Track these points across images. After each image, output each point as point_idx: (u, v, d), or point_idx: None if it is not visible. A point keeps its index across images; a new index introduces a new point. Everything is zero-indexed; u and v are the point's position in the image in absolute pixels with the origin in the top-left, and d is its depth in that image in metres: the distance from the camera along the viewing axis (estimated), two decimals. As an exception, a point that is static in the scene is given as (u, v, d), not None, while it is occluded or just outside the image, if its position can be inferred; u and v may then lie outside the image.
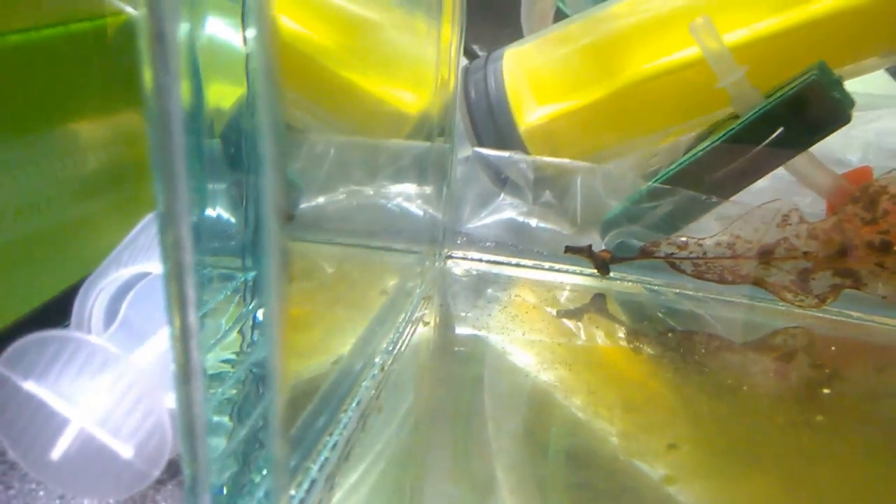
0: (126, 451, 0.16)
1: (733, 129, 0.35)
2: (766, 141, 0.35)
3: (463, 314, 0.32)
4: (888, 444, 0.24)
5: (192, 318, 0.16)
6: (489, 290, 0.35)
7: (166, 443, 0.16)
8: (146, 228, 0.21)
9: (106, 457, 0.16)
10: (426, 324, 0.31)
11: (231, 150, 0.23)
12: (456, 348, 0.29)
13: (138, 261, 0.19)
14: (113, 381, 0.15)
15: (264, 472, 0.17)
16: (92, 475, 0.16)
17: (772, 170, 0.35)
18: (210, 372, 0.21)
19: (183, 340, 0.15)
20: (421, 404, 0.25)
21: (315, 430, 0.21)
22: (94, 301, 0.19)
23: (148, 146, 0.14)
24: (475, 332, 0.30)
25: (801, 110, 0.34)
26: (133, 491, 0.16)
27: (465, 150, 0.43)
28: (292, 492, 0.19)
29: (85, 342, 0.15)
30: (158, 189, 0.15)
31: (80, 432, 0.15)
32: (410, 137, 0.40)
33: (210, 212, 0.24)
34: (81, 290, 0.19)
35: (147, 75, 0.13)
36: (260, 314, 0.21)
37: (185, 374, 0.15)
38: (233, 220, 0.22)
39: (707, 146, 0.36)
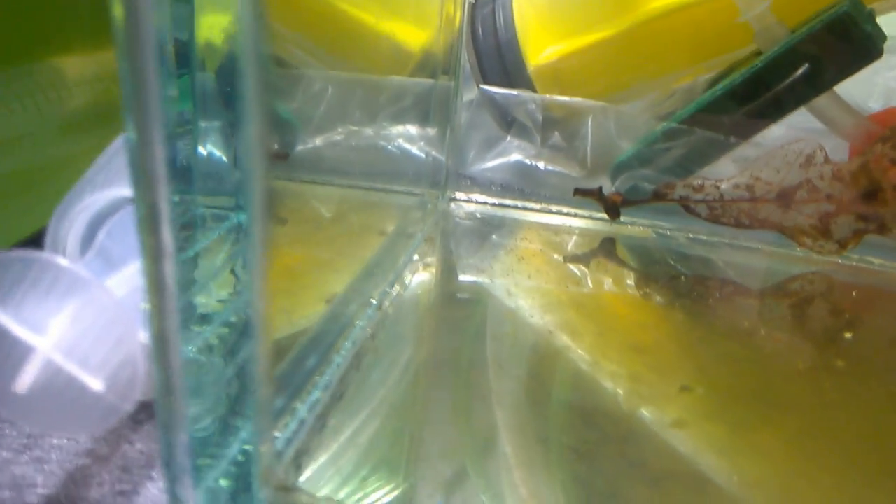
0: (96, 384, 0.15)
1: (756, 65, 0.33)
2: (791, 78, 0.33)
3: (466, 257, 0.30)
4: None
5: (167, 236, 0.14)
6: (494, 234, 0.33)
7: (138, 375, 0.15)
8: (122, 148, 0.19)
9: (75, 390, 0.15)
10: (427, 266, 0.29)
11: (227, 87, 0.22)
12: (458, 291, 0.28)
13: (115, 183, 0.17)
14: (81, 307, 0.14)
15: (247, 411, 0.16)
16: (60, 410, 0.15)
17: (794, 109, 0.33)
18: (200, 312, 0.20)
19: (156, 260, 0.14)
20: (421, 345, 0.24)
21: (305, 369, 0.20)
22: (68, 227, 0.18)
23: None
24: (478, 274, 0.29)
25: (831, 45, 0.32)
26: (104, 426, 0.15)
27: (471, 92, 0.42)
28: (278, 433, 0.18)
29: (51, 263, 0.14)
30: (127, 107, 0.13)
31: (47, 363, 0.14)
32: (413, 76, 0.38)
33: (202, 150, 0.23)
34: (54, 216, 0.18)
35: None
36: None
37: (157, 294, 0.14)
38: (225, 158, 0.21)
39: (727, 84, 0.34)
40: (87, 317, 0.14)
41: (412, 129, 0.36)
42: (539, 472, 0.18)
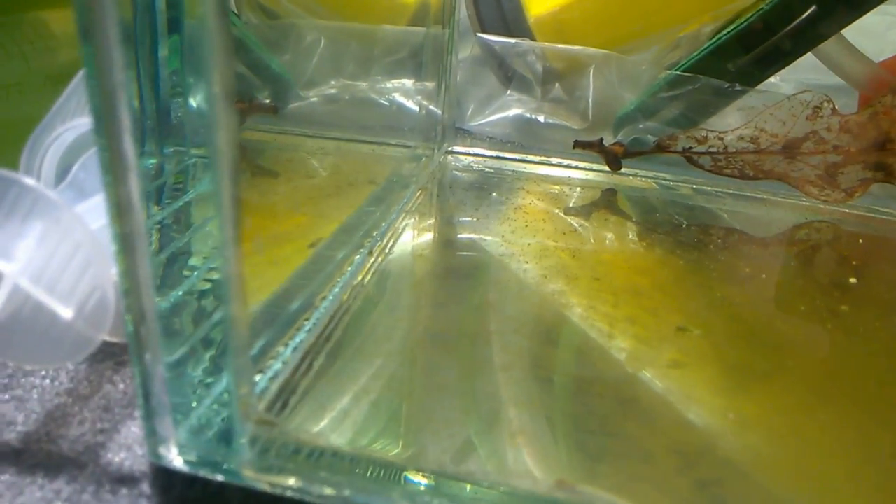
0: (65, 312, 0.14)
1: (761, 8, 0.32)
2: (797, 21, 0.32)
3: (462, 208, 0.30)
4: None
5: (131, 162, 0.14)
6: (491, 186, 0.32)
7: (109, 304, 0.15)
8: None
9: (44, 317, 0.14)
10: (423, 215, 0.29)
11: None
12: (453, 239, 0.27)
13: (87, 112, 0.17)
14: (48, 230, 0.14)
15: (225, 352, 0.16)
16: (30, 338, 0.14)
17: (802, 54, 0.32)
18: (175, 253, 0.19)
19: (119, 178, 0.13)
20: (414, 292, 0.24)
21: (288, 312, 0.20)
22: (41, 158, 0.17)
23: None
24: (474, 224, 0.28)
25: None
26: (77, 357, 0.15)
27: (469, 47, 0.41)
28: (260, 373, 0.18)
29: (12, 179, 0.13)
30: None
31: (14, 289, 0.14)
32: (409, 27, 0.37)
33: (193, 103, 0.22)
34: (26, 147, 0.17)
35: None
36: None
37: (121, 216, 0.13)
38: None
39: (732, 30, 0.33)
40: (54, 240, 0.14)
41: (406, 82, 0.35)
42: (528, 405, 0.18)
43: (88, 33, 0.13)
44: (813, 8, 0.31)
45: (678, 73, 0.34)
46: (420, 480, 0.16)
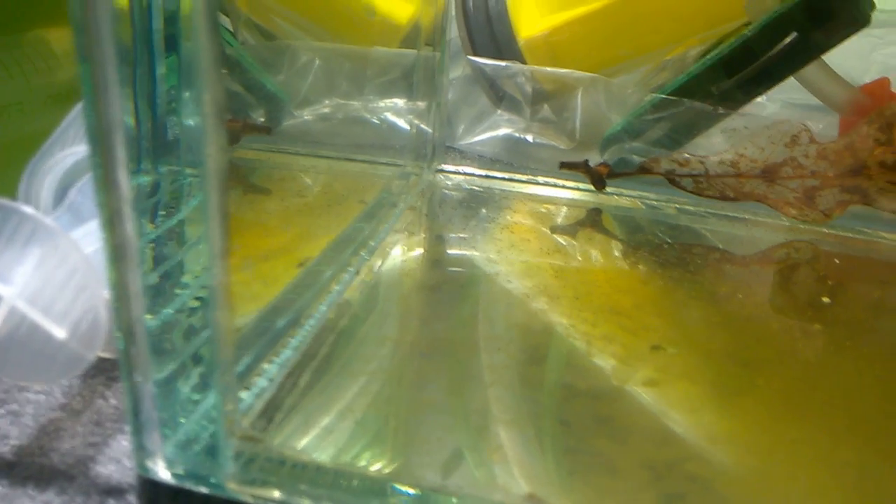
0: (60, 332, 0.15)
1: (745, 34, 0.33)
2: (779, 47, 0.33)
3: (451, 226, 0.30)
4: (886, 354, 0.23)
5: (124, 180, 0.15)
6: (480, 204, 0.33)
7: (101, 325, 0.15)
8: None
9: (39, 337, 0.15)
10: (412, 234, 0.29)
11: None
12: (441, 258, 0.28)
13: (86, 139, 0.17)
14: (44, 255, 0.14)
15: (210, 369, 0.17)
16: (24, 358, 0.15)
17: (783, 79, 0.33)
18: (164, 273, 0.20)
19: (112, 198, 0.14)
20: (401, 311, 0.24)
21: (275, 330, 0.21)
22: (40, 183, 0.18)
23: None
24: (462, 243, 0.29)
25: (818, 12, 0.32)
26: (70, 374, 0.16)
27: (460, 67, 0.42)
28: (246, 390, 0.19)
29: (13, 208, 0.14)
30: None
31: (11, 310, 0.15)
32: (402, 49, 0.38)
33: (189, 122, 0.23)
34: (26, 172, 0.18)
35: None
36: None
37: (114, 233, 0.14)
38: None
39: (716, 54, 0.34)
40: (51, 265, 0.15)
41: (398, 102, 0.36)
42: (508, 421, 0.18)
43: (85, 53, 0.13)
44: (794, 34, 0.32)
45: (663, 96, 0.35)
46: (405, 490, 0.16)
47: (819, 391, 0.21)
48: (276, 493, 0.16)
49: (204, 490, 0.16)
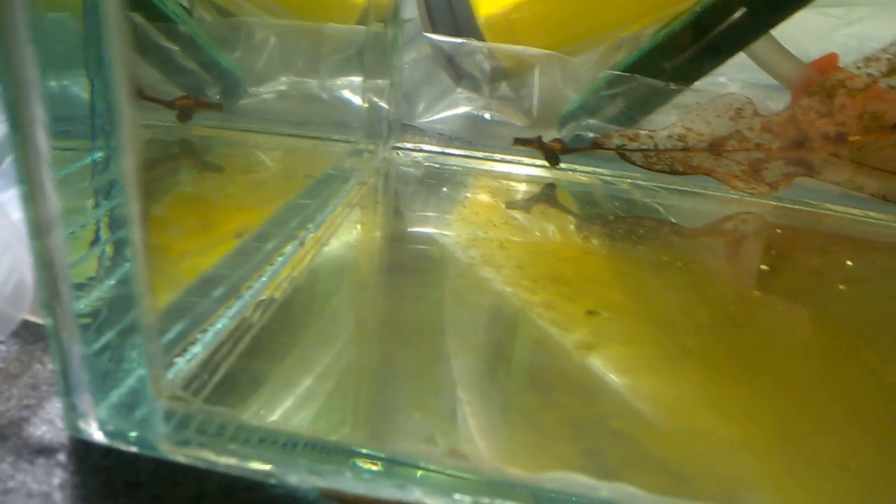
0: (-15, 291, 0.15)
1: (695, 11, 0.33)
2: (728, 22, 0.33)
3: (404, 201, 0.31)
4: (817, 317, 0.23)
5: (42, 140, 0.15)
6: (436, 180, 0.34)
7: (27, 284, 0.15)
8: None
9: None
10: (364, 209, 0.30)
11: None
12: (391, 231, 0.28)
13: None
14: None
15: (137, 335, 0.17)
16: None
17: (733, 54, 0.34)
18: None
19: (31, 160, 0.14)
20: (348, 281, 0.25)
21: (211, 298, 0.21)
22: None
23: None
24: (413, 213, 0.29)
25: (765, -13, 0.32)
26: (-2, 334, 0.16)
27: (424, 46, 0.42)
28: (178, 359, 0.19)
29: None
30: None
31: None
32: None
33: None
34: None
35: None
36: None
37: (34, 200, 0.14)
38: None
39: (667, 31, 0.34)
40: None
41: (353, 80, 0.36)
42: (440, 383, 0.19)
43: None
44: (742, 10, 0.32)
45: (617, 72, 0.35)
46: (332, 446, 0.17)
47: (749, 353, 0.21)
48: (208, 453, 0.17)
49: (135, 450, 0.17)
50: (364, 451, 0.17)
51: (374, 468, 0.16)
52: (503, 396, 0.19)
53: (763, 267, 0.26)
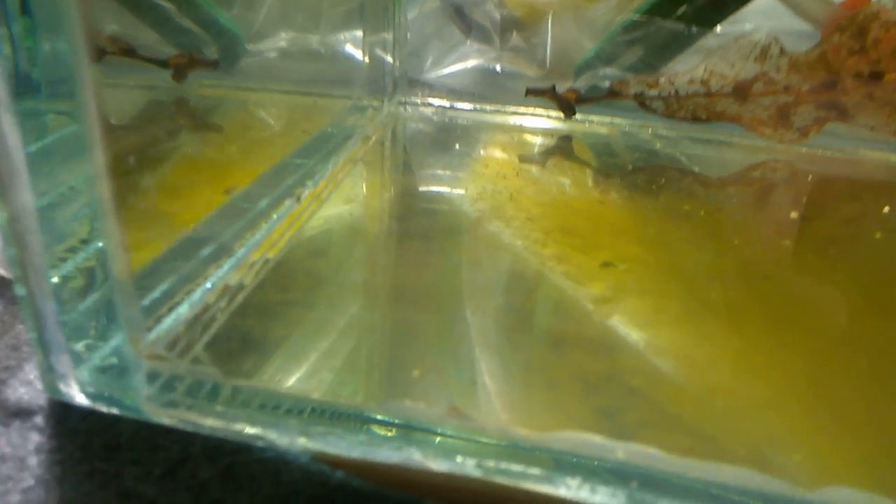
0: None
1: (717, -53, 0.31)
2: (753, -42, 0.31)
3: (409, 155, 0.29)
4: (848, 268, 0.22)
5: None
6: (445, 136, 0.32)
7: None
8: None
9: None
10: (368, 164, 0.28)
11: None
12: (395, 184, 0.27)
13: None
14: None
15: (112, 289, 0.16)
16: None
17: (758, -7, 0.32)
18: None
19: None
20: (344, 235, 0.23)
21: (198, 258, 0.20)
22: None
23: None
24: (420, 168, 0.28)
25: (793, -82, 0.30)
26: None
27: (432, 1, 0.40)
28: (166, 318, 0.18)
29: None
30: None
31: None
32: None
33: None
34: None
35: None
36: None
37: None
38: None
39: (688, -30, 0.32)
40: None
41: (355, 34, 0.34)
42: (449, 342, 0.17)
43: None
44: (768, -56, 0.30)
45: (635, 17, 0.33)
46: (321, 406, 0.15)
47: (776, 306, 0.20)
48: (193, 415, 0.16)
49: (116, 412, 0.16)
50: (360, 412, 0.16)
51: (376, 431, 0.15)
52: (514, 353, 0.17)
53: (793, 215, 0.24)
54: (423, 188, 0.27)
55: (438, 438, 0.15)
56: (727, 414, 0.16)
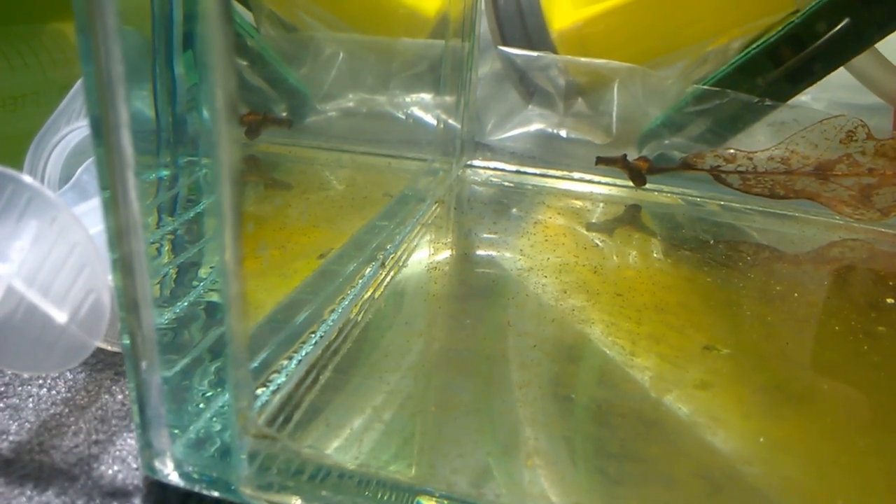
0: (60, 315, 0.14)
1: (792, 21, 0.31)
2: (830, 34, 0.31)
3: (479, 221, 0.29)
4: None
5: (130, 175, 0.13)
6: (510, 200, 0.32)
7: (105, 309, 0.14)
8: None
9: (37, 320, 0.14)
10: (439, 229, 0.28)
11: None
12: (470, 253, 0.26)
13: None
14: (41, 228, 0.13)
15: (223, 366, 0.15)
16: (22, 342, 0.14)
17: (834, 69, 0.31)
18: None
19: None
20: (429, 305, 0.23)
21: (294, 325, 0.19)
22: (45, 159, 0.17)
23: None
24: (491, 236, 0.27)
25: (872, -2, 0.30)
26: (71, 363, 0.14)
27: (490, 62, 0.40)
28: (263, 387, 0.17)
29: (10, 177, 0.13)
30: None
31: (8, 291, 0.13)
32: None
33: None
34: (31, 147, 0.17)
35: None
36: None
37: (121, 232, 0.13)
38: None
39: (762, 43, 0.32)
40: (48, 239, 0.13)
41: (425, 96, 0.34)
42: (545, 425, 0.17)
43: (87, 50, 0.13)
44: (846, 20, 0.30)
45: (706, 87, 0.33)
46: (434, 498, 0.15)
47: (887, 397, 0.19)
48: (296, 500, 0.15)
49: (216, 494, 0.15)
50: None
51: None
52: (621, 443, 0.16)
53: (889, 300, 0.24)
54: (501, 258, 0.26)
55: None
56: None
